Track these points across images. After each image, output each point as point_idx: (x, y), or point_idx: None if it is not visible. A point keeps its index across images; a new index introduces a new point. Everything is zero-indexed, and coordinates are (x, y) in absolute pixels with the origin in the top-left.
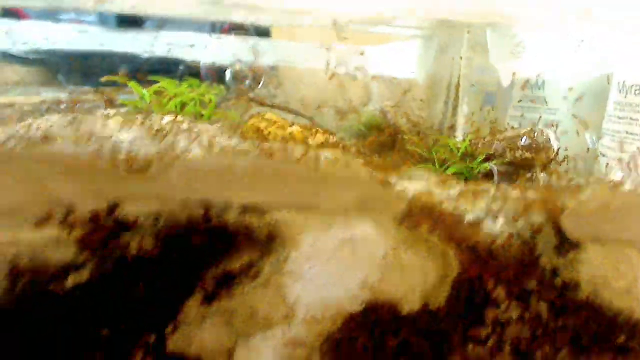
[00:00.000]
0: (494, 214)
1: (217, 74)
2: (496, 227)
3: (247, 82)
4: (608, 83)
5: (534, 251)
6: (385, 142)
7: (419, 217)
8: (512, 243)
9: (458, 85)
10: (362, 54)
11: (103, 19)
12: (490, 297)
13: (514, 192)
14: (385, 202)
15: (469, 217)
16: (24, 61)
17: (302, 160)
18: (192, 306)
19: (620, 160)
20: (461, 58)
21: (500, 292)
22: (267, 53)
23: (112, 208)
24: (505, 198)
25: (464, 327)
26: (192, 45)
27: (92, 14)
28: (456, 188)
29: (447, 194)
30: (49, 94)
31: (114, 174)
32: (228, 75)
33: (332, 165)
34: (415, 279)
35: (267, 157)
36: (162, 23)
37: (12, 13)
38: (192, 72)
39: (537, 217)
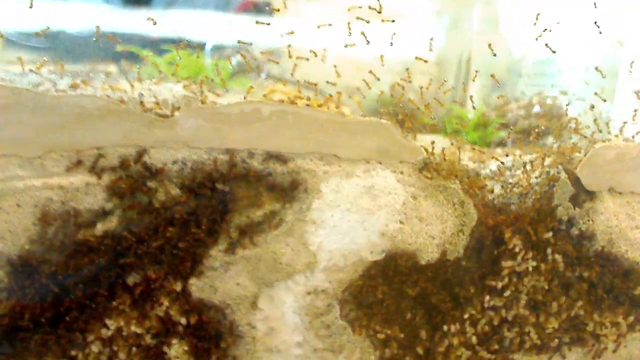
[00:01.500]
0: (511, 167)
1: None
2: (514, 178)
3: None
4: (621, 45)
5: (550, 201)
6: (398, 116)
7: (439, 167)
8: (529, 193)
9: (469, 60)
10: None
11: None
12: (508, 247)
13: (531, 148)
14: (405, 151)
15: (486, 170)
16: (31, 46)
17: (324, 106)
18: (217, 254)
19: (636, 111)
20: (472, 31)
21: (517, 242)
22: (275, 32)
23: (140, 154)
24: (521, 152)
25: (482, 278)
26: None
27: None
28: (472, 149)
29: (463, 152)
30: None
31: (143, 119)
32: (234, 61)
33: (353, 114)
34: (434, 228)
35: (291, 104)
36: (172, 2)
37: None
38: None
39: (554, 168)
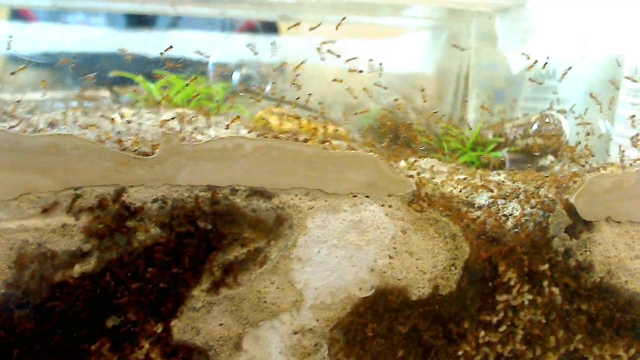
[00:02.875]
0: (505, 196)
1: (225, 73)
2: (507, 209)
3: (255, 81)
4: (619, 65)
5: (546, 232)
6: (396, 134)
7: (429, 199)
8: (524, 224)
9: (467, 76)
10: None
11: (112, 20)
12: (502, 280)
13: (526, 175)
14: (394, 184)
15: (479, 199)
16: (34, 64)
17: (310, 141)
18: (199, 294)
19: (633, 138)
20: (470, 48)
21: (512, 275)
22: (275, 50)
23: (119, 194)
24: (516, 180)
25: (476, 312)
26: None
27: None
28: (466, 172)
29: (457, 177)
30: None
31: (121, 158)
32: (236, 76)
33: (340, 148)
34: (425, 262)
35: (274, 138)
36: (175, 22)
37: (21, 15)
38: (202, 71)
39: (549, 198)
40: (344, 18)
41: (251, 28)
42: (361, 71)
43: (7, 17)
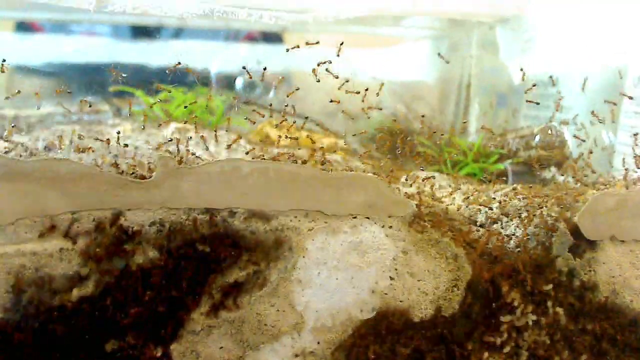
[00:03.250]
0: (507, 214)
1: (227, 82)
2: (510, 228)
3: (258, 90)
4: (621, 78)
5: (549, 252)
6: (398, 145)
7: (429, 219)
8: (527, 244)
9: (469, 85)
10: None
11: (115, 31)
12: (506, 301)
13: (529, 192)
14: (394, 205)
15: (481, 218)
16: (38, 74)
17: (309, 163)
18: (199, 317)
19: (636, 157)
20: (471, 57)
21: (515, 296)
22: (277, 59)
23: (116, 217)
24: (518, 198)
25: (479, 334)
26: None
27: (95, 20)
28: (468, 189)
29: (458, 196)
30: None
31: (118, 181)
32: (239, 83)
33: (340, 168)
34: (427, 283)
35: (273, 160)
36: (178, 32)
37: (27, 26)
38: (203, 80)
39: (552, 217)
40: (342, 43)
41: (253, 38)
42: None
43: (12, 28)
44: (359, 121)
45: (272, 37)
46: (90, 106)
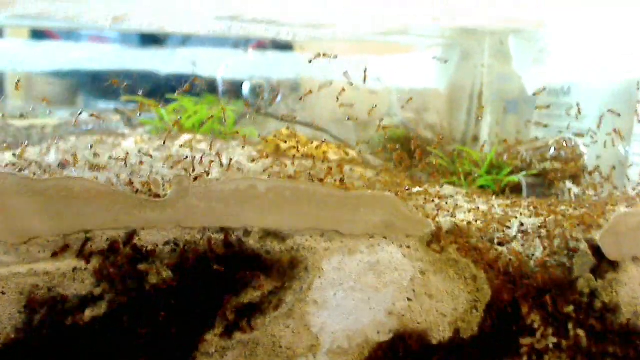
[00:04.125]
0: (526, 232)
1: (235, 89)
2: (529, 247)
3: (266, 96)
4: (638, 89)
5: (570, 273)
6: (409, 155)
7: (448, 238)
8: (548, 264)
9: (481, 94)
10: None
11: (125, 38)
12: (526, 323)
13: (547, 208)
14: (411, 224)
15: (500, 236)
16: (49, 81)
17: (325, 181)
18: (213, 338)
19: None
20: (483, 66)
21: (535, 318)
22: (286, 67)
23: (130, 236)
24: (537, 215)
25: (499, 356)
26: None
27: (110, 31)
28: (485, 206)
29: (476, 213)
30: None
31: (132, 200)
32: (246, 89)
33: (357, 186)
34: (445, 305)
35: (288, 178)
36: (185, 40)
37: (43, 34)
38: (210, 87)
39: (573, 236)
40: (365, 70)
41: (263, 46)
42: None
43: (28, 36)
44: (367, 129)
45: (282, 45)
46: (100, 116)
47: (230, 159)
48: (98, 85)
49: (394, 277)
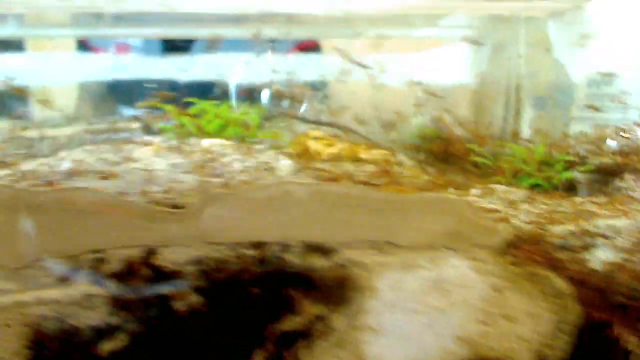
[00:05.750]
0: (604, 235)
1: (251, 94)
2: (613, 254)
3: (286, 101)
4: None
5: None
6: (445, 153)
7: (523, 247)
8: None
9: (518, 86)
10: None
11: (148, 46)
12: (621, 346)
13: (622, 207)
14: (480, 232)
15: (576, 242)
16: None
17: (371, 184)
18: None
19: None
20: (519, 56)
21: (634, 341)
22: (311, 68)
23: (150, 255)
24: (612, 215)
25: None
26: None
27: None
28: (547, 203)
29: (548, 216)
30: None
31: (150, 212)
32: (265, 95)
33: (410, 190)
34: (525, 327)
35: (331, 182)
36: (212, 45)
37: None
38: (224, 93)
39: None
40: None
41: (306, 48)
42: None
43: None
44: (394, 127)
45: (310, 47)
46: (117, 124)
47: (261, 163)
48: (118, 93)
49: (462, 296)
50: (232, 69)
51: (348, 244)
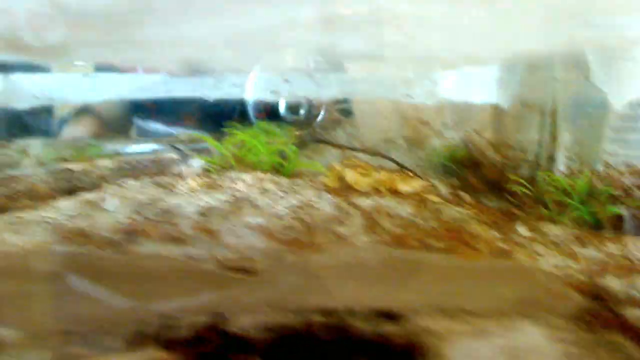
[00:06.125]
0: None
1: (268, 110)
2: None
3: (303, 113)
4: None
5: None
6: (479, 178)
7: (593, 310)
8: None
9: (554, 111)
10: None
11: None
12: None
13: None
14: (554, 299)
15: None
16: (95, 112)
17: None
18: None
19: None
20: (556, 79)
21: None
22: (336, 86)
23: (219, 321)
24: None
25: None
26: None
27: None
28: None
29: (613, 266)
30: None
31: (219, 278)
32: (282, 107)
33: (480, 255)
34: None
35: (397, 245)
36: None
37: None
38: (243, 111)
39: None
40: None
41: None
42: None
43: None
44: (420, 149)
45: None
46: (158, 156)
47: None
48: (150, 114)
49: None
50: (246, 84)
51: (415, 310)
